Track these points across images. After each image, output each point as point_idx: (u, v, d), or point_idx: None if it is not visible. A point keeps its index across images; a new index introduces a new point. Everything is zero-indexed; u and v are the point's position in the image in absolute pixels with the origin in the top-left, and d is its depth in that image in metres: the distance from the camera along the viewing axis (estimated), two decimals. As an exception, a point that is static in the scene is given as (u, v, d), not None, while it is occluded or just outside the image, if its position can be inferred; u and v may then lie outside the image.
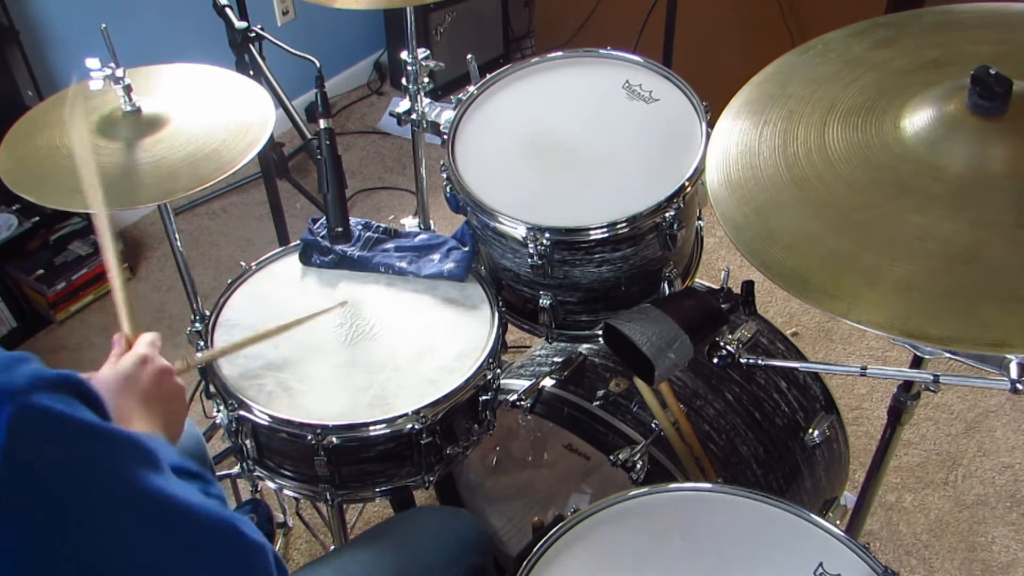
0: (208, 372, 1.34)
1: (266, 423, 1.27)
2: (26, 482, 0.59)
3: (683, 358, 1.26)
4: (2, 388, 0.59)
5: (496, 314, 1.40)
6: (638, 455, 1.38)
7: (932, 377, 1.12)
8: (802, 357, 1.67)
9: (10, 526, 0.59)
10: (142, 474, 0.68)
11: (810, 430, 1.55)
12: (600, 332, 1.36)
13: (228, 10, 1.56)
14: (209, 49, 1.66)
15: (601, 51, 1.58)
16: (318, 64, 1.38)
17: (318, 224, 1.50)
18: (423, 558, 1.23)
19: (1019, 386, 1.00)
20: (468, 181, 1.41)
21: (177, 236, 1.54)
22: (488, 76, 1.56)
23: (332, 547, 1.69)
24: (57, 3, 2.39)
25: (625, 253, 1.36)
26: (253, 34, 1.56)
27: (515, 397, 1.48)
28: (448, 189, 1.43)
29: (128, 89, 1.36)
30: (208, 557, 0.73)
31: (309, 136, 1.36)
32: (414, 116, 1.75)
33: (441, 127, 1.65)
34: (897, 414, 1.27)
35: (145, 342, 1.03)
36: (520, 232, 1.34)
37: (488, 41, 3.28)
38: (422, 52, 1.74)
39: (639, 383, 1.47)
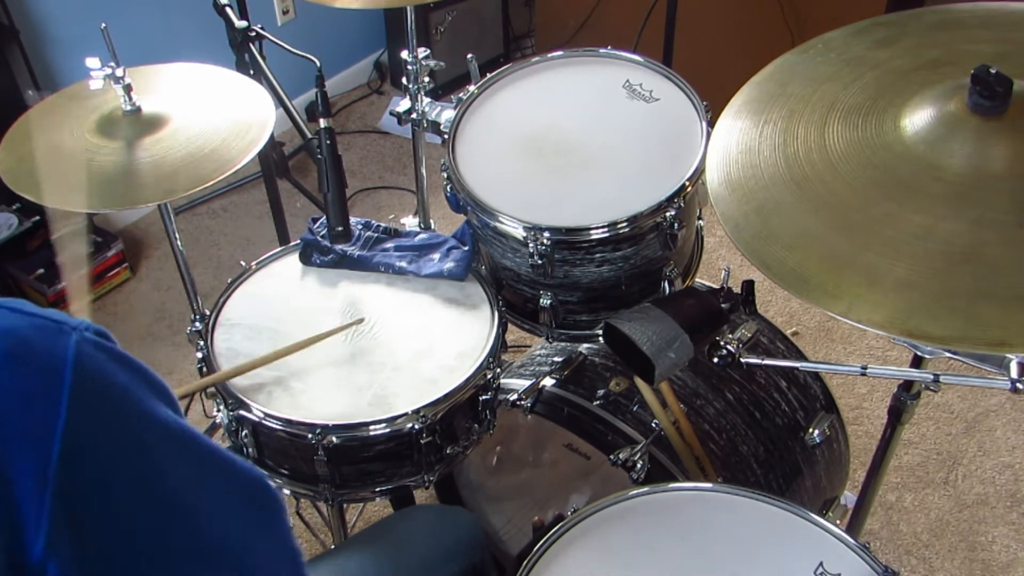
0: (208, 371, 1.34)
1: (266, 422, 1.27)
2: (88, 398, 0.65)
3: (683, 358, 1.26)
4: (65, 321, 0.67)
5: (496, 313, 1.40)
6: (638, 455, 1.38)
7: (932, 377, 1.12)
8: (802, 356, 1.67)
9: (76, 434, 0.64)
10: (178, 418, 0.74)
11: (810, 429, 1.55)
12: (600, 332, 1.36)
13: (228, 9, 1.55)
14: (209, 48, 1.65)
15: (601, 51, 1.58)
16: (318, 63, 1.38)
17: (318, 223, 1.50)
18: (419, 557, 1.23)
19: (1019, 385, 1.00)
20: (468, 180, 1.40)
21: (177, 236, 1.54)
22: (488, 75, 1.56)
23: (332, 547, 1.69)
24: (57, 2, 2.39)
25: (625, 253, 1.36)
26: (253, 33, 1.56)
27: (515, 397, 1.48)
28: (448, 188, 1.43)
29: (128, 88, 1.36)
30: (243, 499, 0.77)
31: (309, 135, 1.36)
32: (414, 115, 1.75)
33: (441, 126, 1.65)
34: (897, 413, 1.27)
35: None
36: (520, 232, 1.34)
37: (488, 40, 3.28)
38: (422, 51, 1.74)
39: (639, 382, 1.47)
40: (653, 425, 1.43)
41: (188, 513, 0.72)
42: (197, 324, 1.49)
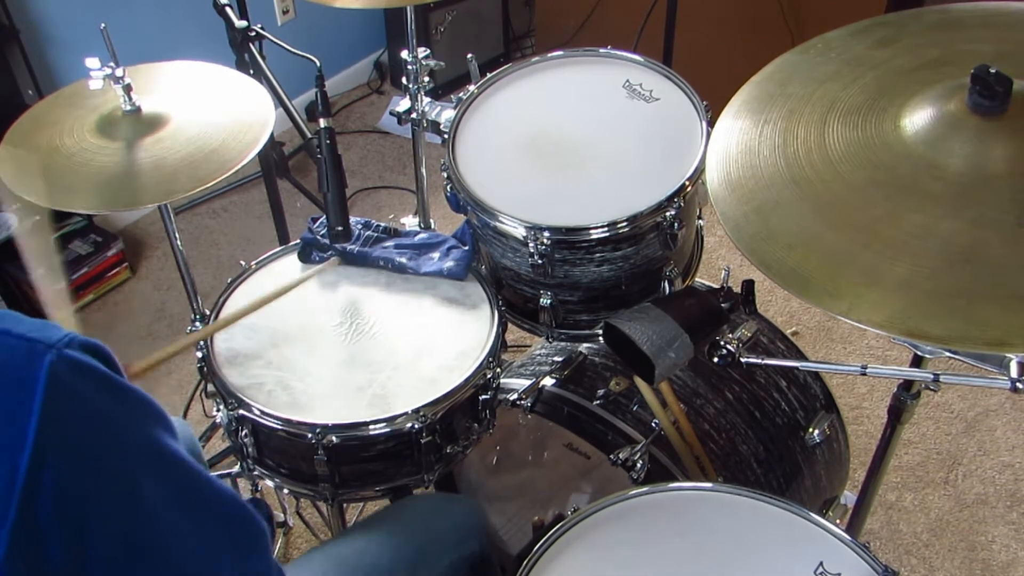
0: (207, 371, 1.34)
1: (266, 422, 1.27)
2: (60, 426, 0.63)
3: (683, 357, 1.26)
4: (44, 339, 0.64)
5: (496, 313, 1.40)
6: (638, 454, 1.38)
7: (932, 376, 1.12)
8: (802, 356, 1.67)
9: (42, 463, 0.62)
10: (163, 435, 0.71)
11: (810, 429, 1.55)
12: (600, 331, 1.36)
13: (228, 9, 1.56)
14: (209, 48, 1.66)
15: (601, 50, 1.58)
16: (318, 63, 1.38)
17: (318, 223, 1.50)
18: (419, 543, 1.22)
19: (1019, 385, 1.00)
20: (468, 180, 1.41)
21: (177, 235, 1.54)
22: (488, 75, 1.56)
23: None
24: (57, 2, 2.39)
25: (626, 252, 1.36)
26: (253, 33, 1.56)
27: (515, 396, 1.48)
28: (448, 188, 1.43)
29: (128, 88, 1.36)
30: (220, 527, 0.75)
31: (309, 135, 1.36)
32: (414, 115, 1.75)
33: (441, 126, 1.65)
34: (897, 413, 1.27)
35: None
36: (520, 231, 1.34)
37: (488, 40, 3.28)
38: (422, 51, 1.74)
39: (639, 382, 1.47)
40: (653, 425, 1.43)
41: (160, 540, 0.70)
42: (197, 324, 1.49)
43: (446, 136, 1.48)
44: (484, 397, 1.37)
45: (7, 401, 0.62)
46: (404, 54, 1.74)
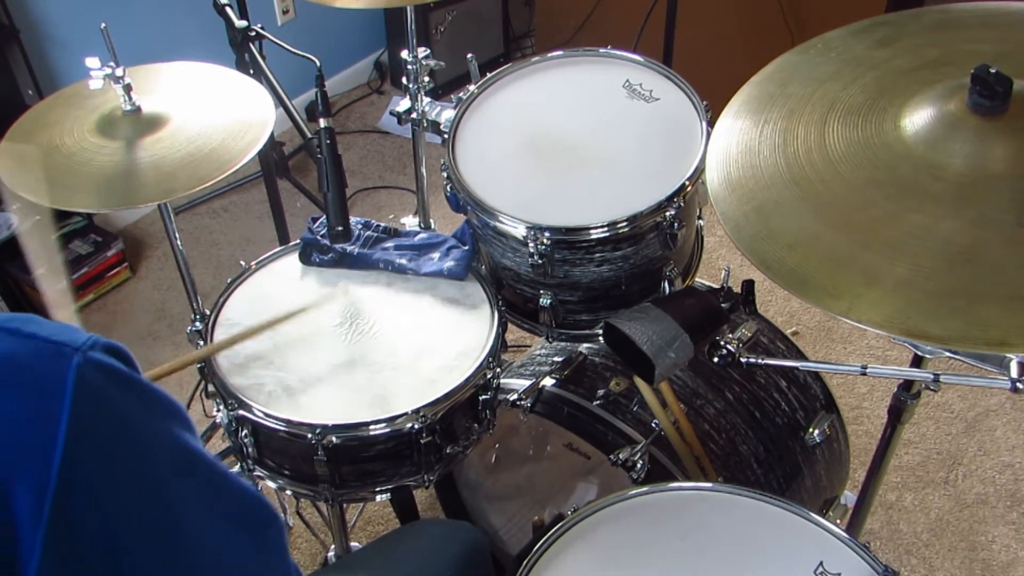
0: (208, 371, 1.34)
1: (266, 422, 1.27)
2: (88, 429, 0.63)
3: (683, 357, 1.26)
4: (70, 342, 0.64)
5: (496, 313, 1.40)
6: (638, 454, 1.38)
7: (932, 376, 1.12)
8: (802, 356, 1.67)
9: (73, 467, 0.62)
10: (186, 435, 0.72)
11: (810, 429, 1.55)
12: (600, 331, 1.36)
13: (228, 9, 1.56)
14: (209, 48, 1.66)
15: (601, 50, 1.58)
16: (318, 63, 1.38)
17: (318, 223, 1.50)
18: (423, 572, 1.22)
19: (1019, 385, 1.00)
20: (468, 180, 1.41)
21: (177, 235, 1.54)
22: (488, 75, 1.56)
23: (332, 546, 1.70)
24: (57, 2, 2.39)
25: (625, 252, 1.36)
26: (253, 33, 1.56)
27: (515, 396, 1.48)
28: (448, 188, 1.43)
29: (128, 88, 1.36)
30: (242, 525, 0.76)
31: (309, 135, 1.36)
32: (414, 115, 1.75)
33: (441, 126, 1.65)
34: (897, 413, 1.27)
35: None
36: (520, 231, 1.34)
37: (488, 40, 3.28)
38: (422, 51, 1.74)
39: (639, 382, 1.47)
40: (653, 425, 1.43)
41: (189, 541, 0.70)
42: (197, 324, 1.49)
43: (446, 136, 1.48)
44: (484, 397, 1.37)
45: (36, 405, 0.62)
46: (404, 54, 1.74)
